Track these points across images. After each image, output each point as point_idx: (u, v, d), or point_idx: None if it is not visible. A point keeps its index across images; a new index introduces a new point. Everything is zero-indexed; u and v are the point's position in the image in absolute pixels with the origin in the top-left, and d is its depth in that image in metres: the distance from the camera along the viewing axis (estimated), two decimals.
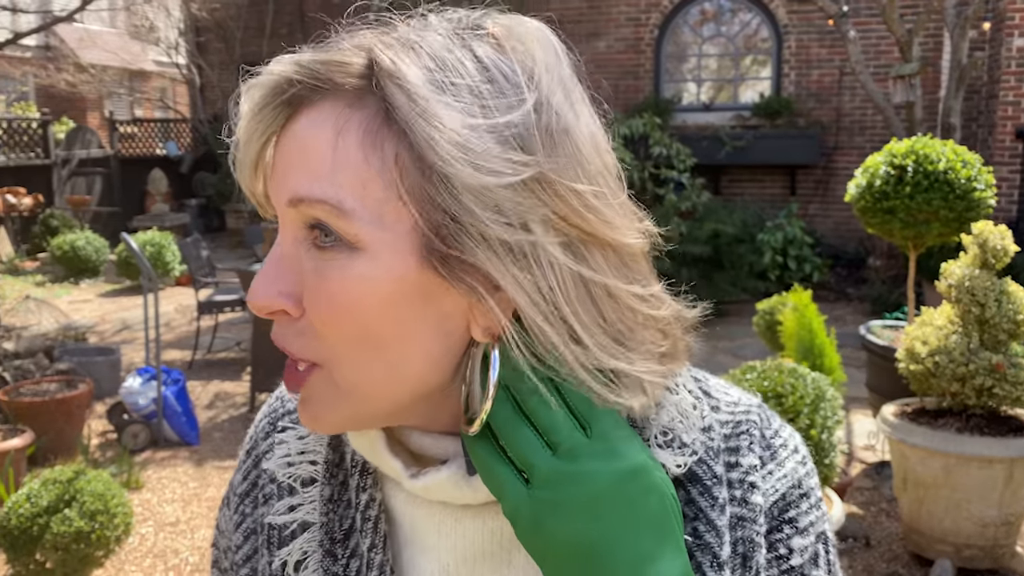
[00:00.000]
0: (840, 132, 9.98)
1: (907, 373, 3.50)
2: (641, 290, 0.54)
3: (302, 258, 0.53)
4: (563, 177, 0.50)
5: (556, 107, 0.51)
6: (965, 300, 3.32)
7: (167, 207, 12.52)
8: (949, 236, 4.02)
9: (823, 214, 10.01)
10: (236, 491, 0.70)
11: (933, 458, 3.34)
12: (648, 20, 10.36)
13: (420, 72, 0.49)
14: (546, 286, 0.50)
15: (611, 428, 0.52)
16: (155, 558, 3.67)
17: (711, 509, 0.58)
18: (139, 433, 4.80)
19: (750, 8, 10.26)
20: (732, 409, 0.63)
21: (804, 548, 0.60)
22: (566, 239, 0.51)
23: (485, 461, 0.53)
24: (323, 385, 0.55)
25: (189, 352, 6.71)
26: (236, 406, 5.64)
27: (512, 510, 0.51)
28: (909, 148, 3.99)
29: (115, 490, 3.37)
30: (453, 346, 0.54)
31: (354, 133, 0.50)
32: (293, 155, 0.52)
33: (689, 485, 0.59)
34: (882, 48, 9.59)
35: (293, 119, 0.53)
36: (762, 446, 0.62)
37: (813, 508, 0.62)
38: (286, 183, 0.52)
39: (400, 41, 0.52)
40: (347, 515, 0.62)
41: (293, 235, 0.53)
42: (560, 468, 0.50)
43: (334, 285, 0.51)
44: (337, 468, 0.64)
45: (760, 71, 10.60)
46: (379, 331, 0.52)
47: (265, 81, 0.53)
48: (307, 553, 0.62)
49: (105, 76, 13.69)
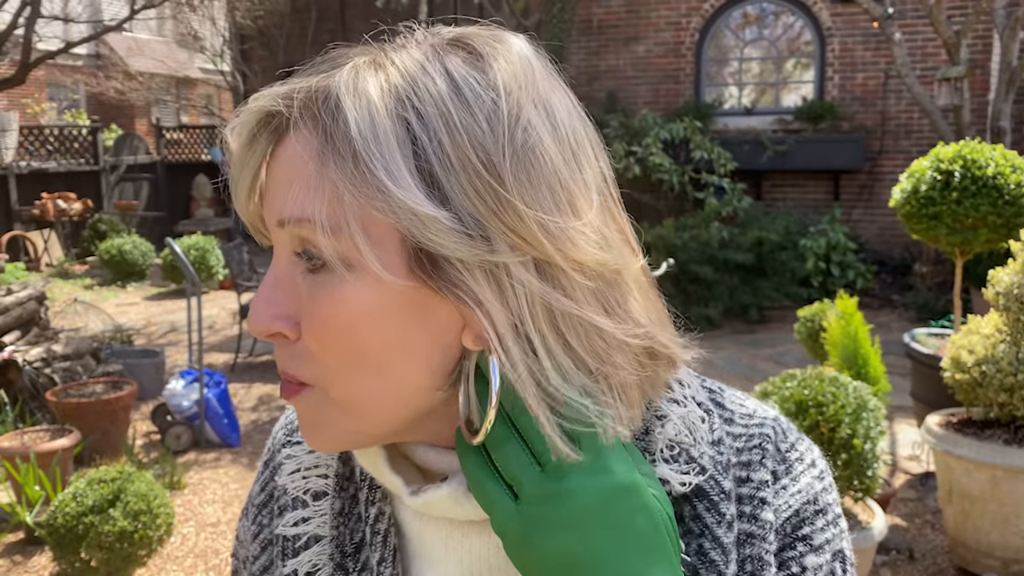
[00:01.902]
0: (885, 136, 9.81)
1: (953, 383, 3.42)
2: (610, 322, 0.52)
3: (298, 282, 0.53)
4: (525, 199, 0.49)
5: (526, 122, 0.51)
6: (1014, 308, 3.23)
7: (211, 212, 12.74)
8: (997, 243, 3.92)
9: (868, 219, 9.84)
10: (254, 502, 0.71)
11: (980, 470, 3.26)
12: (689, 24, 10.29)
13: (380, 96, 0.50)
14: (515, 304, 0.50)
15: (601, 445, 0.51)
16: (196, 558, 3.72)
17: (717, 526, 0.57)
18: (182, 434, 4.88)
19: (793, 11, 10.14)
20: (746, 422, 0.62)
21: (819, 567, 0.58)
22: (532, 261, 0.50)
23: (476, 476, 0.53)
24: (318, 405, 0.55)
25: (231, 355, 6.81)
26: (278, 408, 5.70)
27: (500, 525, 0.51)
28: (956, 153, 3.91)
29: (158, 491, 3.43)
30: (450, 357, 0.53)
31: (333, 152, 0.50)
32: (280, 179, 0.53)
33: (696, 500, 0.58)
34: (929, 50, 9.41)
35: (278, 146, 0.54)
36: (776, 460, 0.60)
37: (830, 525, 0.60)
38: (274, 206, 0.53)
39: (376, 61, 0.52)
40: (358, 528, 0.62)
41: (287, 258, 0.54)
42: (548, 485, 0.50)
43: (327, 307, 0.51)
44: (348, 482, 0.64)
45: (803, 74, 10.47)
46: (377, 349, 0.52)
47: (248, 118, 0.54)
48: (317, 566, 0.63)
49: (152, 84, 13.97)
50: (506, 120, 0.50)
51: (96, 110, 16.75)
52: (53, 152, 12.07)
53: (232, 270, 7.00)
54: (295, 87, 0.53)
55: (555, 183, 0.51)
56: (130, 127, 16.90)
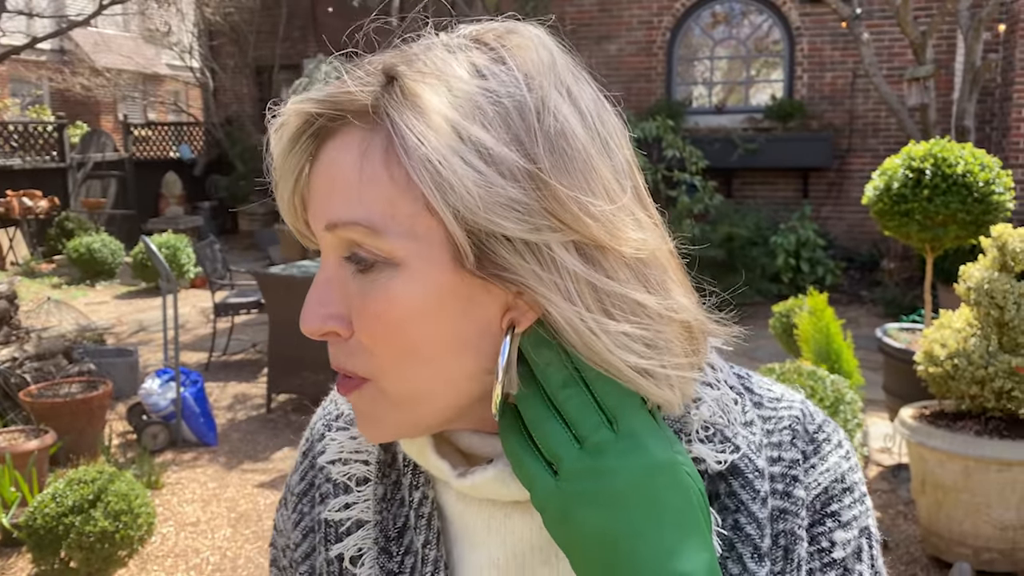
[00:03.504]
0: (853, 135, 9.97)
1: (926, 376, 3.50)
2: (651, 297, 0.55)
3: (346, 280, 0.55)
4: (563, 183, 0.52)
5: (555, 111, 0.53)
6: (984, 303, 3.32)
7: (181, 210, 12.61)
8: (966, 239, 4.02)
9: (836, 216, 10.00)
10: (294, 491, 0.73)
11: (952, 461, 3.34)
12: (660, 23, 10.37)
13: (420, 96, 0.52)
14: (561, 285, 0.52)
15: (638, 423, 0.53)
16: (176, 558, 3.70)
17: (752, 502, 0.59)
18: (158, 434, 4.84)
19: (762, 10, 10.27)
20: (775, 405, 0.65)
21: (847, 542, 0.61)
22: (574, 243, 0.52)
23: (516, 454, 0.55)
24: (375, 399, 0.57)
25: (205, 354, 6.76)
26: (254, 407, 5.67)
27: (540, 501, 0.53)
28: (927, 151, 3.99)
29: (138, 490, 3.41)
30: (497, 341, 0.55)
31: (377, 153, 0.52)
32: (324, 183, 0.54)
33: (731, 478, 0.60)
34: (895, 50, 9.58)
35: (320, 150, 0.55)
36: (805, 440, 0.63)
37: (857, 503, 0.63)
38: (321, 211, 0.55)
39: (407, 61, 0.54)
40: (400, 513, 0.64)
41: (335, 258, 0.55)
42: (586, 462, 0.52)
43: (379, 304, 0.53)
44: (389, 468, 0.66)
45: (771, 73, 10.60)
46: (428, 341, 0.54)
47: (289, 120, 0.55)
48: (362, 550, 0.65)
49: (120, 80, 13.78)
50: (536, 109, 0.52)
51: (61, 106, 16.45)
52: (17, 149, 11.86)
53: (205, 268, 6.94)
54: (335, 91, 0.54)
55: (588, 168, 0.53)
56: (96, 124, 16.64)
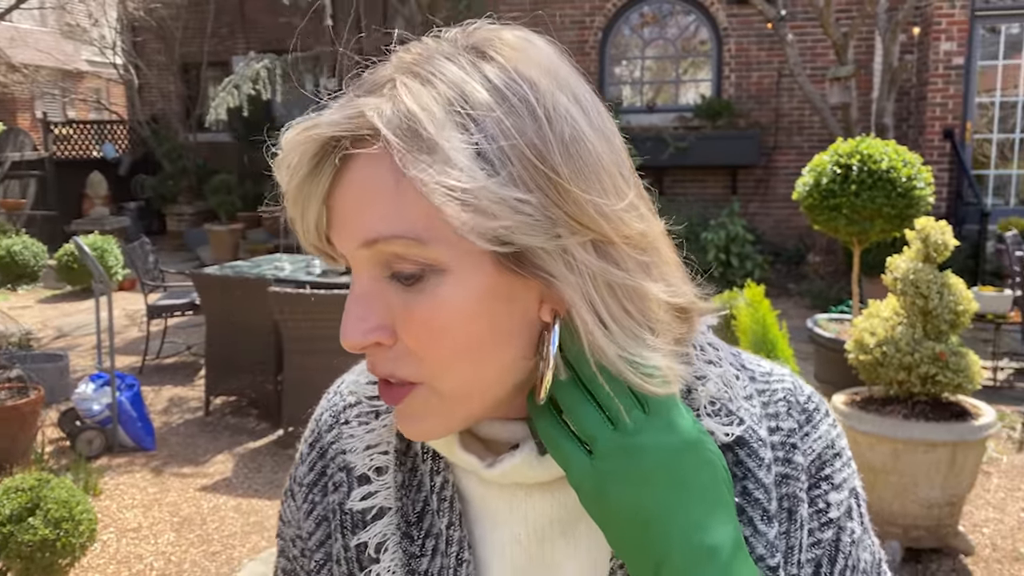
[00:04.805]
0: (779, 133, 10.27)
1: (856, 363, 3.66)
2: (657, 285, 0.59)
3: (384, 291, 0.56)
4: (581, 187, 0.54)
5: (565, 115, 0.55)
6: (910, 292, 3.48)
7: (107, 210, 12.24)
8: (891, 232, 4.21)
9: (764, 212, 10.28)
10: (303, 482, 0.74)
11: (882, 444, 3.50)
12: (592, 23, 10.50)
13: (439, 109, 0.53)
14: (581, 282, 0.55)
15: (667, 404, 0.57)
16: (119, 564, 3.63)
17: (759, 469, 0.64)
18: (94, 439, 4.72)
19: (690, 11, 10.49)
20: (768, 379, 0.70)
21: (840, 502, 0.67)
22: (589, 241, 0.56)
23: (552, 436, 0.59)
24: (427, 400, 0.59)
25: (136, 357, 6.60)
26: (191, 410, 5.57)
27: (577, 480, 0.57)
28: (854, 148, 4.16)
29: (79, 497, 3.33)
30: (535, 331, 0.59)
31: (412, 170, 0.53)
32: (354, 202, 0.55)
33: (737, 448, 0.64)
34: (818, 51, 9.90)
35: (344, 171, 0.55)
36: (798, 411, 0.68)
37: (845, 466, 0.68)
38: (356, 228, 0.55)
39: (420, 76, 0.55)
40: (418, 499, 0.67)
41: (369, 273, 0.57)
42: (620, 441, 0.56)
43: (426, 311, 0.55)
44: (405, 456, 0.69)
45: (699, 73, 10.84)
46: (476, 339, 0.56)
47: (307, 146, 0.55)
48: (386, 536, 0.67)
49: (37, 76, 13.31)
50: (549, 116, 0.55)
51: None
52: None
53: (137, 270, 6.78)
54: (352, 114, 0.54)
55: (599, 168, 0.56)
56: (11, 122, 16.00)
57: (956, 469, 3.49)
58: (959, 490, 3.54)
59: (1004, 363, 6.29)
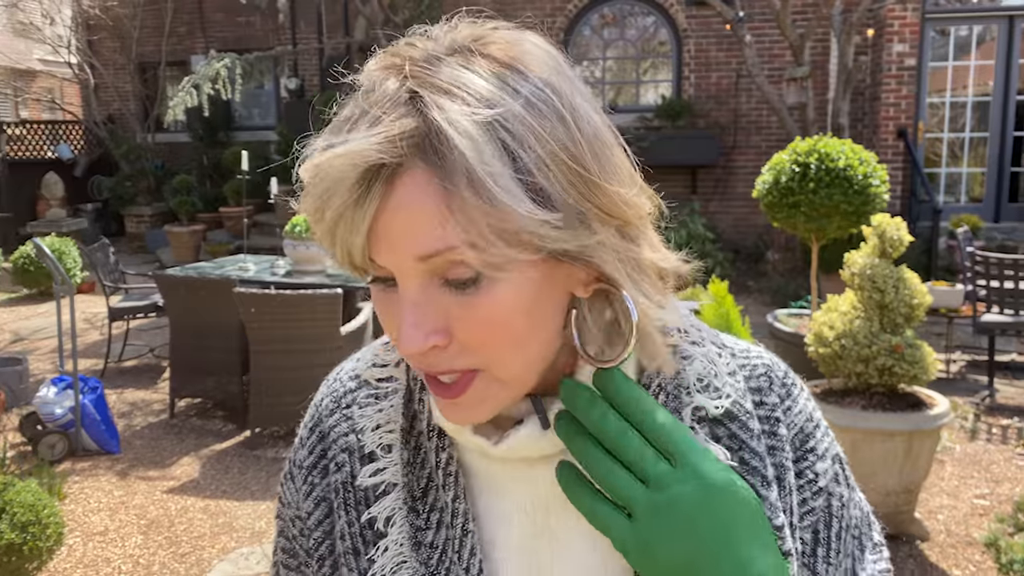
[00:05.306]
0: (738, 132, 10.43)
1: (816, 356, 3.76)
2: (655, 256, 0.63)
3: (437, 297, 0.58)
4: (608, 181, 0.57)
5: (583, 114, 0.57)
6: (867, 287, 3.59)
7: (63, 212, 12.02)
8: (848, 228, 4.32)
9: (723, 211, 10.43)
10: (302, 465, 0.77)
11: (842, 434, 3.60)
12: (554, 24, 10.57)
13: (475, 127, 0.53)
14: (619, 266, 0.60)
15: (689, 451, 0.59)
16: (86, 568, 3.59)
17: (751, 439, 0.68)
18: (56, 443, 4.66)
19: (650, 12, 10.61)
20: (747, 355, 0.74)
21: (826, 471, 0.72)
22: (614, 228, 0.60)
23: (588, 505, 0.61)
24: (487, 386, 0.62)
25: (97, 361, 6.52)
26: (155, 413, 5.52)
27: (621, 544, 0.59)
28: (812, 147, 4.27)
29: (46, 500, 3.30)
30: (567, 308, 0.63)
31: (460, 182, 0.53)
32: (405, 222, 0.55)
33: (728, 422, 0.68)
34: (775, 52, 10.07)
35: (390, 193, 0.55)
36: (779, 385, 0.72)
37: (825, 435, 0.73)
38: (409, 246, 0.56)
39: (442, 88, 0.55)
40: (423, 475, 0.70)
41: (419, 282, 0.58)
42: (656, 499, 0.58)
43: (484, 311, 0.57)
44: (410, 435, 0.72)
45: (659, 74, 10.97)
46: (528, 327, 0.60)
47: (348, 175, 0.55)
48: (394, 510, 0.71)
49: None
50: (574, 115, 0.58)
51: None
52: None
53: (98, 272, 6.69)
54: (389, 135, 0.54)
55: (615, 159, 0.60)
56: None
57: (912, 458, 3.60)
58: (915, 478, 3.65)
59: (957, 355, 6.48)
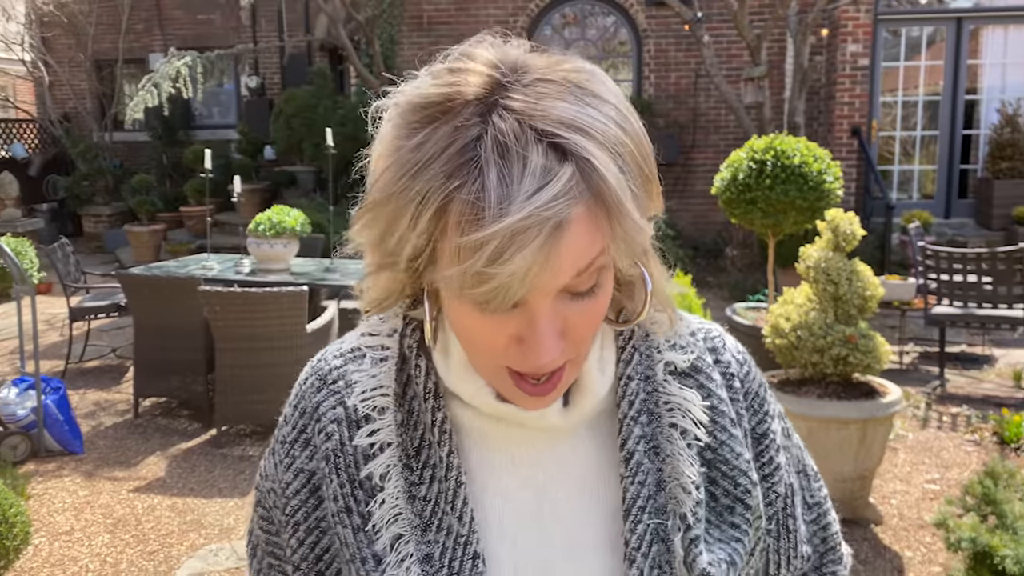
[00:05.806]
0: (697, 131, 10.60)
1: (773, 347, 3.87)
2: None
3: (561, 309, 0.64)
4: (656, 178, 0.68)
5: (641, 127, 0.65)
6: (821, 280, 3.71)
7: (19, 212, 11.81)
8: (804, 224, 4.45)
9: (683, 209, 10.59)
10: (285, 440, 0.83)
11: (799, 423, 3.71)
12: (516, 23, 10.64)
13: (607, 157, 0.60)
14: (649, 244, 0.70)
15: None
16: (53, 567, 3.59)
17: (717, 388, 0.79)
18: (18, 444, 4.62)
19: (611, 12, 10.73)
20: (699, 322, 0.86)
21: (781, 429, 0.85)
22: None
23: None
24: (571, 371, 0.69)
25: (58, 362, 6.46)
26: (119, 413, 5.49)
27: None
28: (768, 144, 4.39)
29: (12, 499, 3.29)
30: None
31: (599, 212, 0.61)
32: (573, 253, 0.60)
33: (695, 374, 0.79)
34: (733, 52, 10.25)
35: (563, 232, 0.59)
36: (735, 351, 0.85)
37: (770, 397, 0.85)
38: (567, 269, 0.61)
39: (582, 130, 0.60)
40: (416, 436, 0.77)
41: (552, 300, 0.63)
42: None
43: (595, 311, 0.66)
44: (402, 399, 0.78)
45: (618, 73, 11.10)
46: None
47: (545, 229, 0.57)
48: (389, 466, 0.77)
49: None
50: (641, 132, 0.66)
51: None
52: None
53: (59, 272, 6.63)
54: (566, 187, 0.58)
55: (652, 155, 0.68)
56: None
57: (866, 445, 3.73)
58: (869, 464, 3.78)
59: (909, 347, 6.67)
